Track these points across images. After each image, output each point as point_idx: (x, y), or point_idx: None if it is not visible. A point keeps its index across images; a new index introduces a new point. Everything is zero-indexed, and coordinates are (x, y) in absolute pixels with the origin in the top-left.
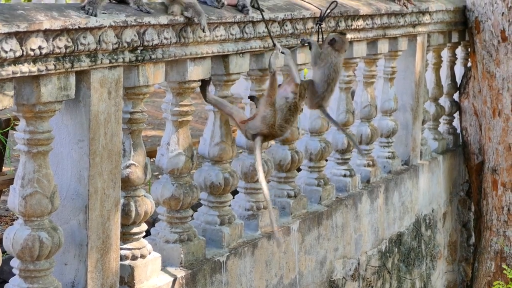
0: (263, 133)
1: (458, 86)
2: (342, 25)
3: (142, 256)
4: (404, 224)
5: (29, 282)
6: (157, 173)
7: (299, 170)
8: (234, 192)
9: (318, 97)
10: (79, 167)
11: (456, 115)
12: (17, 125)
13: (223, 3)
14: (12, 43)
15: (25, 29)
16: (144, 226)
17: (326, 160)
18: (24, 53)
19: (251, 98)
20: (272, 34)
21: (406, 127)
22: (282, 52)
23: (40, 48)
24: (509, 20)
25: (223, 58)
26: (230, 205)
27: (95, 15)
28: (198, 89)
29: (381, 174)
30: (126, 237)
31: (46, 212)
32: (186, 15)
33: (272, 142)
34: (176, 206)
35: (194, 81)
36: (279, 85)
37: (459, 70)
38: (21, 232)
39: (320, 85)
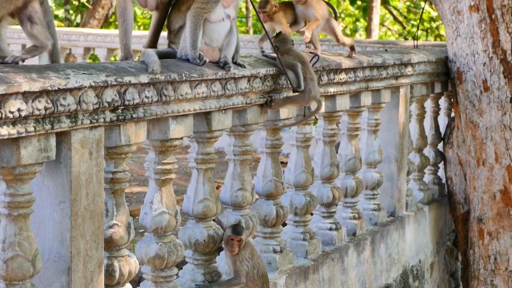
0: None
1: (442, 136)
2: (325, 78)
3: None
4: (391, 276)
5: None
6: (142, 230)
7: (284, 224)
8: (220, 249)
9: None
10: (61, 229)
11: (441, 165)
12: None
13: (205, 61)
14: None
15: (4, 92)
16: (128, 286)
17: (312, 214)
18: (3, 116)
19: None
20: (253, 90)
21: (391, 179)
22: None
23: (19, 110)
24: (490, 70)
25: (206, 115)
26: (215, 263)
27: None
28: (182, 145)
29: (367, 227)
30: None
31: (28, 275)
32: None
33: (257, 196)
34: (160, 265)
35: (177, 139)
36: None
37: (442, 120)
38: None
39: None
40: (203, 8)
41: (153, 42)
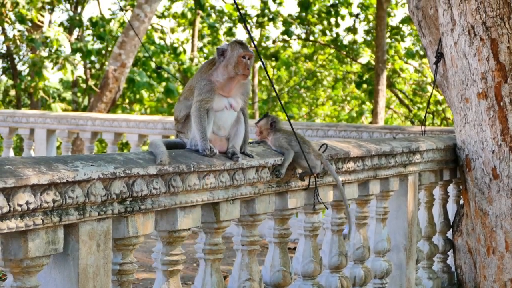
0: None
1: (451, 224)
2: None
3: None
4: None
5: None
6: None
7: None
8: None
9: None
10: None
11: (450, 253)
12: (6, 276)
13: (215, 153)
14: None
15: (13, 185)
16: None
17: None
18: (12, 209)
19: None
20: (261, 179)
21: (400, 267)
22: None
23: (27, 203)
24: (499, 158)
25: (214, 206)
26: None
27: None
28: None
29: None
30: None
31: None
32: None
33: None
34: None
35: (184, 230)
36: None
37: (451, 208)
38: None
39: None
40: (202, 100)
41: None
